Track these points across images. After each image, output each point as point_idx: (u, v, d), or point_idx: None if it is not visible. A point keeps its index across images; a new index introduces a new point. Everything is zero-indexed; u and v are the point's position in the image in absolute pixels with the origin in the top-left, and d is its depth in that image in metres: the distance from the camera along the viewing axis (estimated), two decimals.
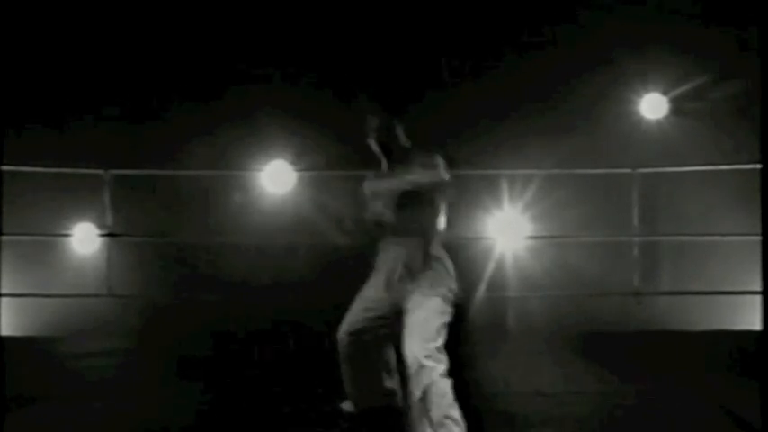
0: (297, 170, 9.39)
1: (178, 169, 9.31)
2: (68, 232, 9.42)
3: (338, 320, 5.15)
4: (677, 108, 9.58)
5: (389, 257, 5.00)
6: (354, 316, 5.08)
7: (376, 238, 5.07)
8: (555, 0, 9.58)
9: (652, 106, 9.61)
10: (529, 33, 9.61)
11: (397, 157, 5.09)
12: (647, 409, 5.90)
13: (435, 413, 4.63)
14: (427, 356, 4.66)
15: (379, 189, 5.02)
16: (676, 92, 9.55)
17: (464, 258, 9.92)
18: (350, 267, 5.21)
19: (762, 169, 5.91)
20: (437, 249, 4.99)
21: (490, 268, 9.19)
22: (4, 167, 8.48)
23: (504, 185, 9.14)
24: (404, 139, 5.14)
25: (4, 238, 8.53)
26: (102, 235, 9.13)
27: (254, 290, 8.95)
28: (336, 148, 9.06)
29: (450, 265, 5.01)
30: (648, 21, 9.32)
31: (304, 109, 9.30)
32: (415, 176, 4.89)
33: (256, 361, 7.47)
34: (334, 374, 5.28)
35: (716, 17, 9.25)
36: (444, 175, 4.94)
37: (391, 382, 5.16)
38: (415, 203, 4.93)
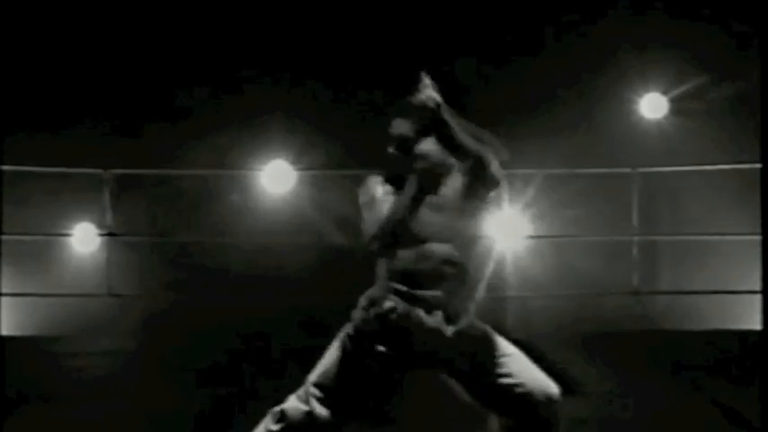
0: (297, 170, 9.38)
1: (178, 169, 9.30)
2: (68, 232, 9.41)
3: (338, 320, 5.12)
4: (677, 108, 9.58)
5: None
6: None
7: None
8: (555, 1, 9.59)
9: (652, 106, 9.61)
10: (528, 34, 9.61)
11: None
12: (647, 409, 5.90)
13: None
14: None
15: None
16: (676, 92, 9.55)
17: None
18: (351, 267, 5.20)
19: (762, 169, 5.92)
20: None
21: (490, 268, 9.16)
22: (4, 167, 8.48)
23: (505, 185, 9.11)
24: None
25: (4, 237, 8.53)
26: (102, 235, 9.13)
27: (254, 289, 8.94)
28: (337, 148, 9.06)
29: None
30: (649, 21, 9.32)
31: (304, 108, 9.30)
32: None
33: (257, 361, 7.47)
34: None
35: (716, 17, 9.24)
36: None
37: None
38: None
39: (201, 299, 8.92)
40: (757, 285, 6.71)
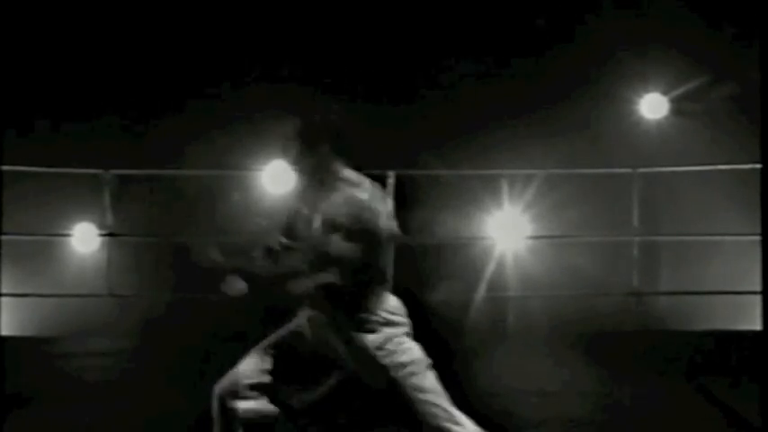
0: (297, 170, 9.36)
1: (178, 169, 9.31)
2: (68, 232, 9.42)
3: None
4: (677, 108, 9.59)
5: None
6: None
7: None
8: (556, 2, 9.60)
9: (652, 106, 9.62)
10: (529, 34, 9.62)
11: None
12: (647, 409, 5.90)
13: None
14: None
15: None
16: (676, 92, 9.56)
17: (464, 258, 9.97)
18: None
19: (762, 169, 5.91)
20: None
21: (490, 268, 9.18)
22: (4, 167, 8.49)
23: (504, 185, 9.14)
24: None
25: (4, 237, 8.54)
26: (102, 235, 9.13)
27: (253, 289, 8.94)
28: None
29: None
30: (649, 21, 9.33)
31: (305, 108, 9.29)
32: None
33: None
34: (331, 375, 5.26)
35: (716, 18, 9.25)
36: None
37: None
38: None
39: (201, 299, 8.92)
40: (757, 285, 6.70)
